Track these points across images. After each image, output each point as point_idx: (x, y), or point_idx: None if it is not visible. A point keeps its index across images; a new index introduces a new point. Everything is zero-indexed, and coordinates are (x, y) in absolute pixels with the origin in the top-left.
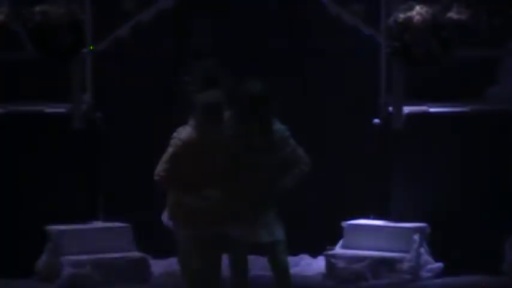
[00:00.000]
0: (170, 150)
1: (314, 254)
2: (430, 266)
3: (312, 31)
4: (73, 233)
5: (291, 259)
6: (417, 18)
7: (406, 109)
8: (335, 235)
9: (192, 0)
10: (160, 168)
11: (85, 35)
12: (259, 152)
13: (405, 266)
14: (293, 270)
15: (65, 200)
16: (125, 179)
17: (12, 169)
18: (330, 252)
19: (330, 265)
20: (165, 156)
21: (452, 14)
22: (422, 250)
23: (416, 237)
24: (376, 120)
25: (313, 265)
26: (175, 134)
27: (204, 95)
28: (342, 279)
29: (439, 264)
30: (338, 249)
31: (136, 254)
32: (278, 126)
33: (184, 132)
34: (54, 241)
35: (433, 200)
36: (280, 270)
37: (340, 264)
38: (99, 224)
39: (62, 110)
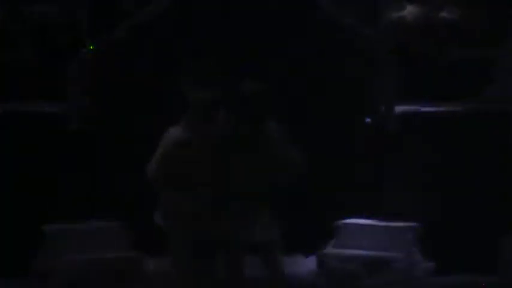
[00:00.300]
0: (160, 150)
1: (307, 254)
2: (422, 266)
3: (310, 31)
4: (70, 232)
5: (284, 258)
6: (409, 17)
7: (399, 109)
8: (328, 235)
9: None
10: (151, 167)
11: (84, 35)
12: (252, 151)
13: (398, 265)
14: (286, 270)
15: (62, 199)
16: (122, 178)
17: (10, 169)
18: (322, 252)
19: (322, 265)
20: (156, 156)
21: (445, 14)
22: (414, 249)
23: (408, 236)
24: (368, 120)
25: (306, 265)
26: (166, 134)
27: (196, 94)
28: (335, 279)
29: (432, 264)
30: (331, 249)
31: (131, 254)
32: (273, 126)
33: (175, 132)
34: (51, 240)
35: (426, 199)
36: (274, 270)
37: (333, 263)
38: (95, 224)
39: (60, 109)
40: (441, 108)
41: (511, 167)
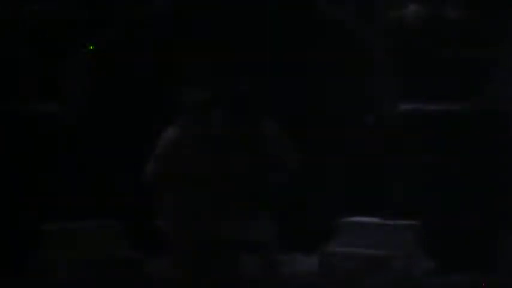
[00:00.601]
0: (158, 150)
1: (307, 252)
2: (423, 264)
3: (309, 30)
4: (69, 232)
5: (283, 257)
6: (410, 16)
7: (401, 107)
8: (328, 233)
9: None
10: (149, 167)
11: (82, 34)
12: (250, 151)
13: (398, 264)
14: (286, 269)
15: (62, 199)
16: (122, 178)
17: (9, 168)
18: (323, 251)
19: (323, 263)
20: (153, 156)
21: (446, 13)
22: (415, 248)
23: (409, 235)
24: (370, 118)
25: (307, 263)
26: (163, 134)
27: (194, 94)
28: (335, 278)
29: (432, 263)
30: (331, 248)
31: (131, 253)
32: (270, 125)
33: (172, 132)
34: (51, 240)
35: (427, 198)
36: (273, 269)
37: (334, 262)
38: (94, 223)
39: (60, 109)
40: (441, 108)
41: (511, 166)
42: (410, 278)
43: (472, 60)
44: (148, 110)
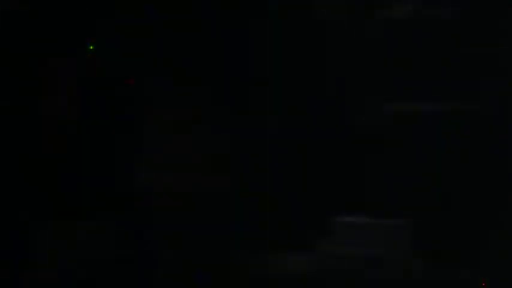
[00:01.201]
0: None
1: (301, 252)
2: (418, 264)
3: (303, 30)
4: (69, 231)
5: (279, 257)
6: (400, 15)
7: (391, 107)
8: (324, 232)
9: None
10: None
11: (82, 34)
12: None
13: (394, 263)
14: (280, 269)
15: (60, 198)
16: (119, 177)
17: (7, 168)
18: (318, 250)
19: (318, 263)
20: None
21: (437, 11)
22: (410, 247)
23: (405, 234)
24: (360, 118)
25: (302, 263)
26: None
27: (189, 93)
28: (329, 277)
29: (427, 262)
30: (327, 247)
31: (129, 253)
32: (269, 124)
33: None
34: (50, 240)
35: (420, 197)
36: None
37: (327, 261)
38: (94, 222)
39: (57, 107)
40: (439, 108)
41: (510, 166)
42: (405, 277)
43: (473, 60)
44: (153, 108)
